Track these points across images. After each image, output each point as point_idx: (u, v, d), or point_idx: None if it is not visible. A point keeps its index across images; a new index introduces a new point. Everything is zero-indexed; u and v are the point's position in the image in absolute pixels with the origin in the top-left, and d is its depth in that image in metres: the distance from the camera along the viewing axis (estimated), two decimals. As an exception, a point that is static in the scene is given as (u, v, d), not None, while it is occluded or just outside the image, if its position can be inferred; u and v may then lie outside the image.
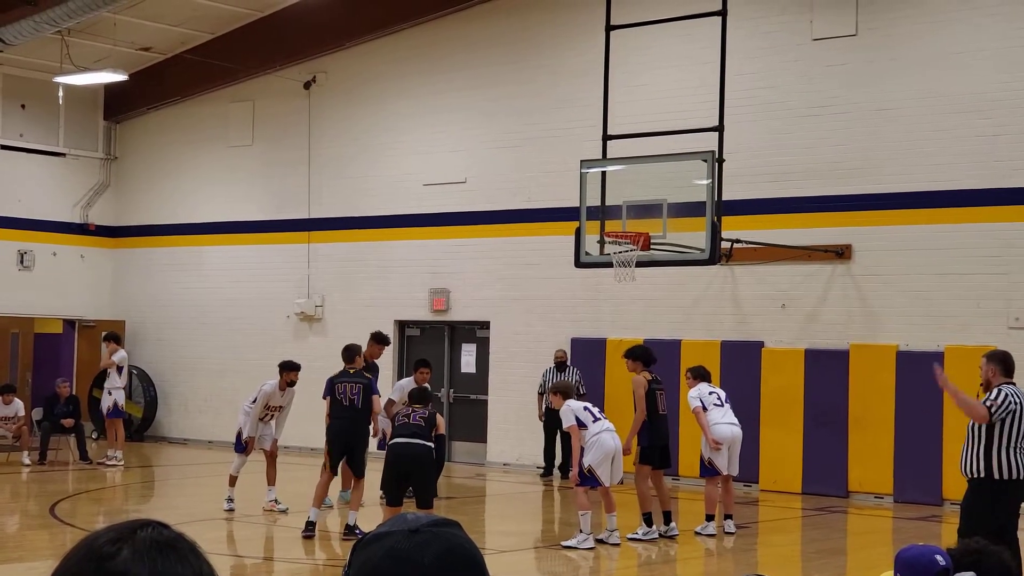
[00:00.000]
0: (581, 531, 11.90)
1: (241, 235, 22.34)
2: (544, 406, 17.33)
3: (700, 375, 13.28)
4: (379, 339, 14.93)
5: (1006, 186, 15.49)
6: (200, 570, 1.49)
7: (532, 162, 18.97)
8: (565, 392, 12.31)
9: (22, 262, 22.70)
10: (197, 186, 23.00)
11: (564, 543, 12.13)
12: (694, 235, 14.51)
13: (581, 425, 11.90)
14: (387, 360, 20.28)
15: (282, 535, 12.92)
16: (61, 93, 21.64)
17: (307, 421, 17.46)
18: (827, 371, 16.45)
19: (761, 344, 17.05)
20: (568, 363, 17.64)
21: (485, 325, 19.52)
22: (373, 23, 20.49)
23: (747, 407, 16.84)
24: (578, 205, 15.20)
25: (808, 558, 12.99)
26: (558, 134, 18.64)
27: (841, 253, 16.55)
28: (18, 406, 19.22)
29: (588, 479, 11.88)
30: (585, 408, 12.13)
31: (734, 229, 15.17)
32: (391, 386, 15.76)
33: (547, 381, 17.37)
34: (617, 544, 12.06)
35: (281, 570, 11.58)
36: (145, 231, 23.68)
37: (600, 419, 12.05)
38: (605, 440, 11.86)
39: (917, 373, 15.84)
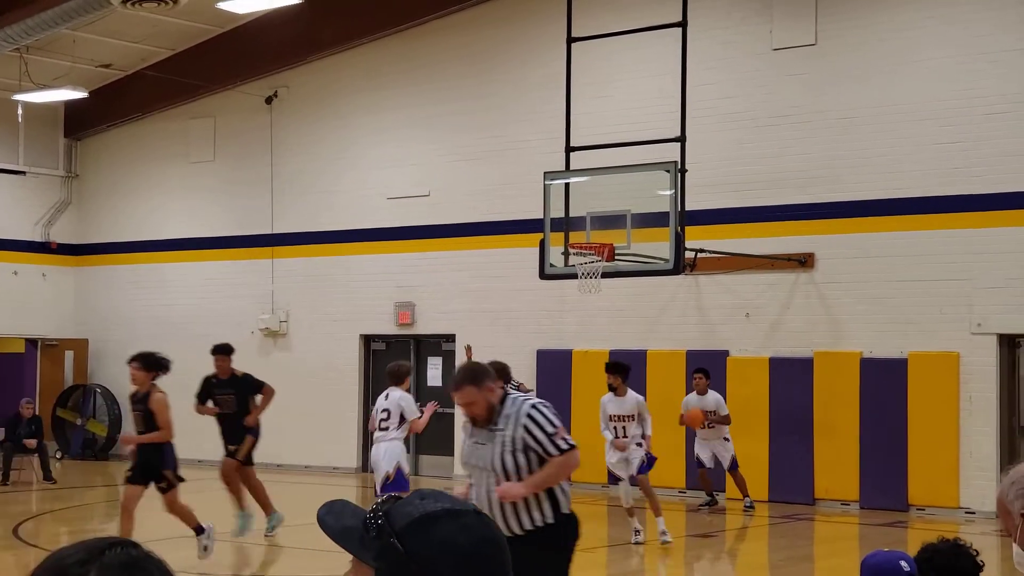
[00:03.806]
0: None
1: (204, 251, 22.21)
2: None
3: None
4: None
5: (966, 192, 15.64)
6: None
7: (495, 174, 18.98)
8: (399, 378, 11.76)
9: (-18, 281, 22.48)
10: (159, 203, 22.86)
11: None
12: (658, 245, 14.56)
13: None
14: (354, 374, 20.28)
15: (250, 552, 12.81)
16: (20, 111, 21.44)
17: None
18: (792, 379, 16.53)
19: (726, 353, 17.12)
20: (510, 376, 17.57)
21: (451, 338, 19.49)
22: (334, 38, 20.45)
23: (713, 416, 16.92)
24: (542, 217, 15.23)
25: (775, 566, 13.04)
26: (521, 146, 18.67)
27: (804, 262, 16.65)
28: (-20, 427, 19.04)
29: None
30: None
31: (697, 239, 15.23)
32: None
33: None
34: None
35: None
36: (107, 248, 23.50)
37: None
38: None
39: (881, 380, 15.97)
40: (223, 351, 13.42)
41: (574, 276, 15.06)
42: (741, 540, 14.69)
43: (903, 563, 4.11)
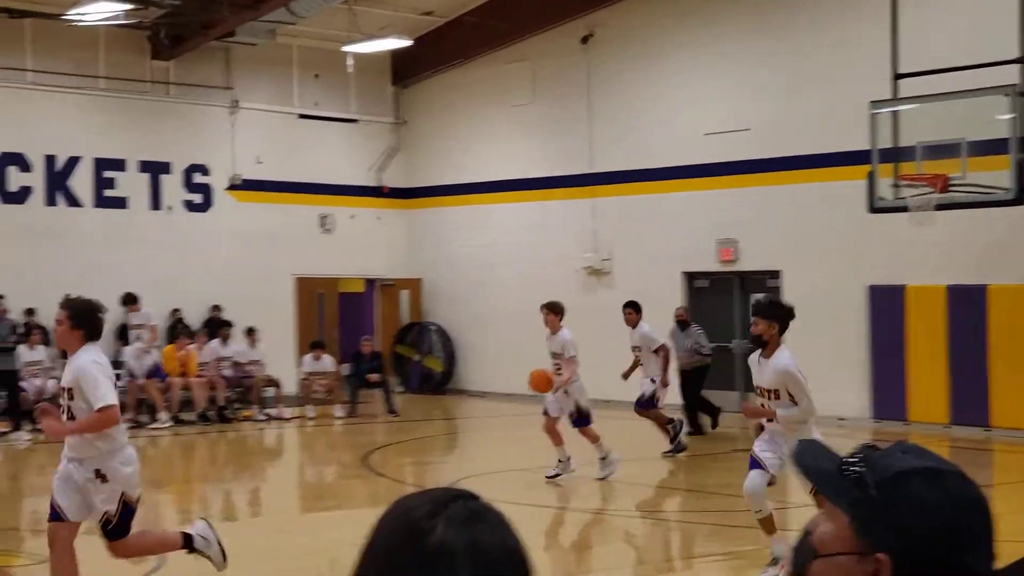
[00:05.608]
0: (605, 458, 13.08)
1: (525, 192, 22.81)
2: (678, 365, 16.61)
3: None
4: None
5: None
6: (505, 540, 1.53)
7: (818, 105, 18.45)
8: (561, 312, 13.02)
9: (323, 225, 23.96)
10: (481, 146, 23.61)
11: (598, 477, 13.04)
12: (997, 174, 13.94)
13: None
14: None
15: (577, 486, 13.20)
16: (350, 61, 22.52)
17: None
18: None
19: (1078, 286, 16.07)
20: (689, 320, 17.03)
21: (776, 275, 19.23)
22: (649, -26, 20.34)
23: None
24: (869, 148, 14.78)
25: None
26: (844, 75, 18.05)
27: None
28: (328, 362, 20.48)
29: (586, 419, 13.07)
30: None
31: (1042, 166, 14.33)
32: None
33: (676, 340, 16.55)
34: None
35: (589, 520, 11.87)
36: (434, 192, 24.53)
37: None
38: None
39: None
40: None
41: (905, 209, 14.57)
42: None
43: None
